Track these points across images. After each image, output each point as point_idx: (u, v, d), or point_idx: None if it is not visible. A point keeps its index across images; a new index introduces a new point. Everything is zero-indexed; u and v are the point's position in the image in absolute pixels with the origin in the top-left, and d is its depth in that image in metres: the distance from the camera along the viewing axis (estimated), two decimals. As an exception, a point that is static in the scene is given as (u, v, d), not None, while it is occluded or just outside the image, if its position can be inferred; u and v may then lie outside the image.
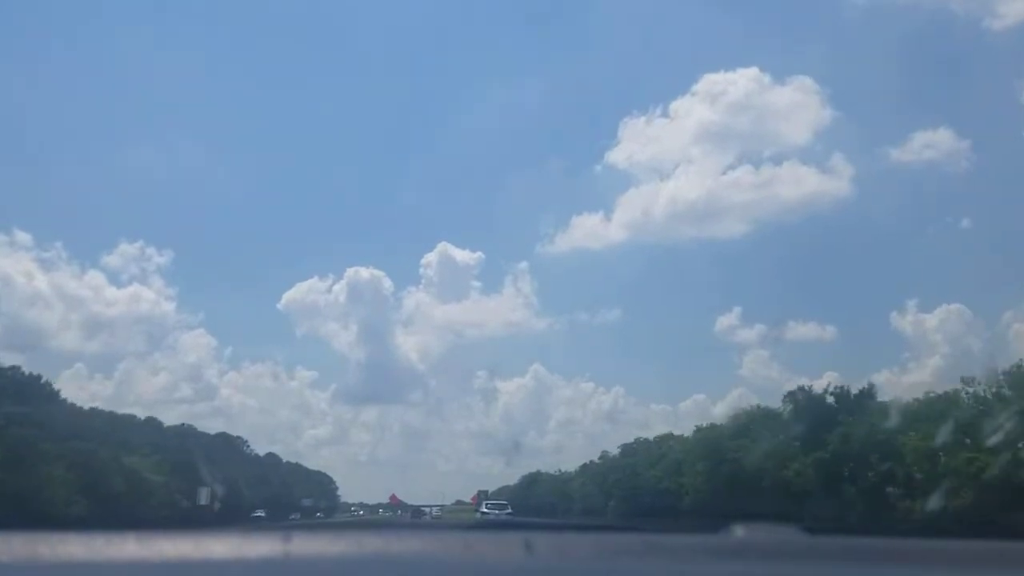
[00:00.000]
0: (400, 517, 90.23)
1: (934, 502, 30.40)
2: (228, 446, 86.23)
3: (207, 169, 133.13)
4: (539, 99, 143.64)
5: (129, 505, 52.64)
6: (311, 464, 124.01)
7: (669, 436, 69.40)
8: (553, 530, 1.56)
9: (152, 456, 63.16)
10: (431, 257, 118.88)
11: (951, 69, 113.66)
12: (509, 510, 52.07)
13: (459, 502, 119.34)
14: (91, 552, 1.31)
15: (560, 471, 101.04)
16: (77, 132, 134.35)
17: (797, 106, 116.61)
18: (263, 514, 64.74)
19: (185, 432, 78.78)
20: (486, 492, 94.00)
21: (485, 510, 52.70)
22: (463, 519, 67.60)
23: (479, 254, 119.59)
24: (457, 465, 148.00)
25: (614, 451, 79.71)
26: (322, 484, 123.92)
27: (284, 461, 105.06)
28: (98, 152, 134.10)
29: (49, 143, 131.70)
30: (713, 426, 55.94)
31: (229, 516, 57.40)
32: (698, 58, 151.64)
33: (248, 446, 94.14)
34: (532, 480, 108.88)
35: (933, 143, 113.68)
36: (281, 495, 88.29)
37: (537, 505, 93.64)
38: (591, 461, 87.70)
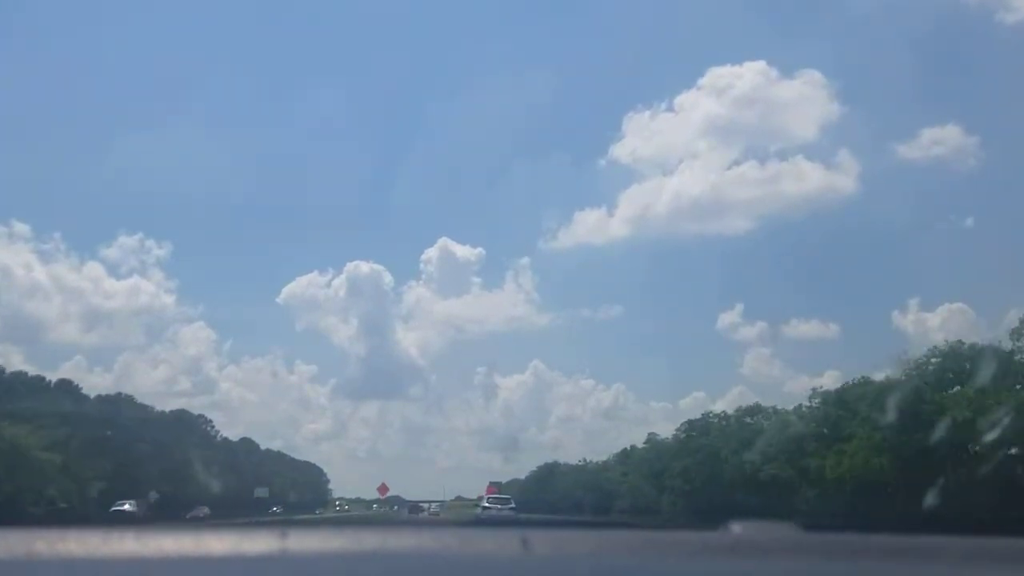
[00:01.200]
0: (396, 513, 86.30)
1: None
2: (182, 426, 74.24)
3: (207, 161, 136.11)
4: (542, 92, 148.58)
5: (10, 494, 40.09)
6: (310, 457, 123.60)
7: (756, 408, 52.12)
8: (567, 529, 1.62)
9: (59, 429, 49.28)
10: (431, 253, 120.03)
11: (962, 63, 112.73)
12: (512, 506, 47.04)
13: (459, 497, 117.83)
14: None
15: (586, 461, 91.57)
16: (75, 123, 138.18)
17: (805, 100, 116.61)
18: (130, 507, 50.51)
19: (119, 403, 65.88)
20: (500, 484, 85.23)
21: (487, 505, 48.11)
22: (466, 516, 63.17)
23: (479, 250, 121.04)
24: (457, 461, 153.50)
25: (666, 435, 68.71)
26: (310, 476, 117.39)
27: (263, 448, 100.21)
28: (97, 143, 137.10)
29: (47, 134, 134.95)
30: (865, 381, 37.87)
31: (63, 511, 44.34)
32: (704, 51, 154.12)
33: (212, 427, 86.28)
34: (548, 472, 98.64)
35: (941, 139, 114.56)
36: (241, 486, 77.91)
37: (554, 501, 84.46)
38: (631, 447, 76.67)
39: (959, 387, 33.01)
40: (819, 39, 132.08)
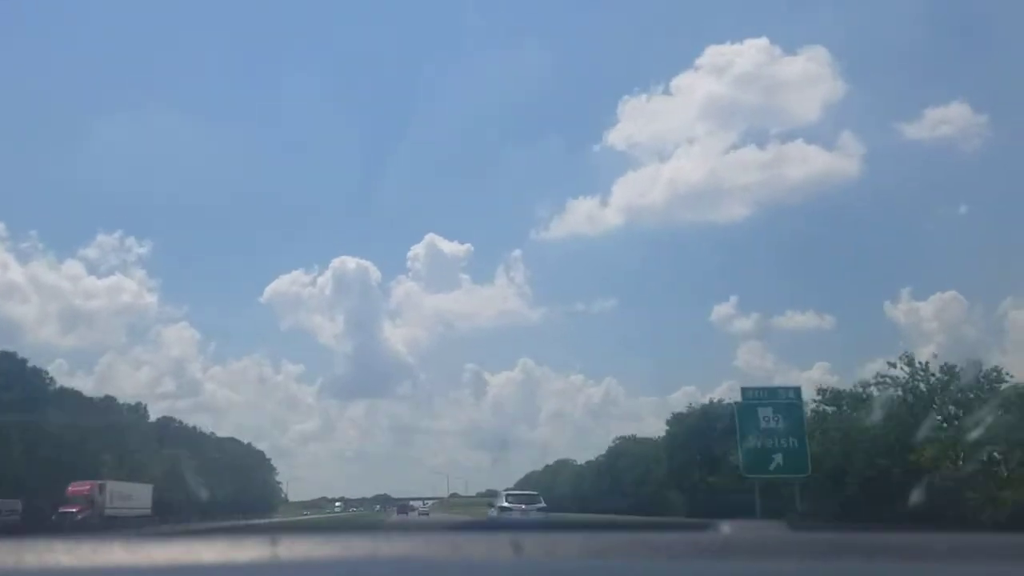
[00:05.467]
0: (376, 514, 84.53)
1: None
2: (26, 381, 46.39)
3: (188, 157, 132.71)
4: (533, 77, 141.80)
5: None
6: (298, 458, 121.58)
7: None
8: None
9: None
10: (418, 249, 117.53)
11: (972, 36, 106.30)
12: (541, 505, 38.50)
13: (455, 495, 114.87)
14: None
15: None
16: (50, 117, 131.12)
17: (808, 79, 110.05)
18: None
19: None
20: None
21: (506, 504, 38.72)
22: (464, 516, 54.16)
23: (467, 246, 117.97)
24: (447, 459, 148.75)
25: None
26: (243, 468, 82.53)
27: (164, 421, 75.61)
28: (73, 138, 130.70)
29: (20, 128, 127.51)
30: None
31: None
32: (703, 28, 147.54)
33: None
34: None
35: (948, 118, 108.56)
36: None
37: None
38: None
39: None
40: (825, 12, 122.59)
